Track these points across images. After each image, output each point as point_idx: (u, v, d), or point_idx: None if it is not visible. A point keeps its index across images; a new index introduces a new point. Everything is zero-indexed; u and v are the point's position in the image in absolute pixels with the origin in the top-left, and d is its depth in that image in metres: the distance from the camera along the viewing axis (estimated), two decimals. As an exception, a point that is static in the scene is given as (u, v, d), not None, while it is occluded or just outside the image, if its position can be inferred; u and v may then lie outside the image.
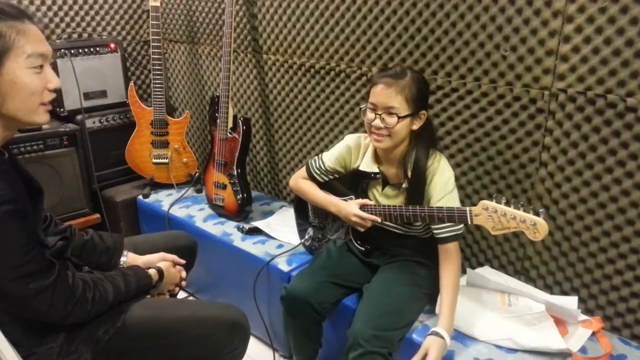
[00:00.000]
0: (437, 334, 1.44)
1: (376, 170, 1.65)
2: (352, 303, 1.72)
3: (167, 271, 1.51)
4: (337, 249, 1.82)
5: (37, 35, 1.14)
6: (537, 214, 1.32)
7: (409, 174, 1.58)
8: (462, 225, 1.55)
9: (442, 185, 1.55)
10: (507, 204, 1.37)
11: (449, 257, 1.55)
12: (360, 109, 1.61)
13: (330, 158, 1.79)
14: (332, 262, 1.77)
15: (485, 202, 1.39)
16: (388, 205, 1.61)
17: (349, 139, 1.76)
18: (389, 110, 1.50)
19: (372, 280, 1.69)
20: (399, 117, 1.50)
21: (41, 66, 1.15)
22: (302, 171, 1.87)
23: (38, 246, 1.17)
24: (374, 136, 1.56)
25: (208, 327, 1.40)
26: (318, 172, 1.81)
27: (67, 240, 1.41)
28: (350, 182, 1.75)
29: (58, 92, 1.22)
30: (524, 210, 1.34)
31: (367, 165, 1.67)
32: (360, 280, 1.72)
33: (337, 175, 1.81)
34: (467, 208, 1.43)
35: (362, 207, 1.64)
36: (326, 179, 1.82)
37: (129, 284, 1.36)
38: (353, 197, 1.72)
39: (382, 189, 1.68)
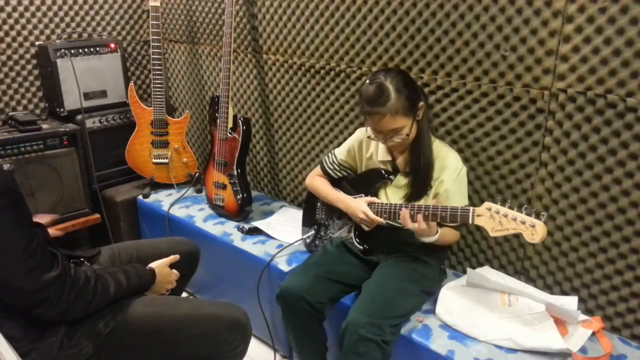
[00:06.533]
0: None
1: (390, 158, 1.72)
2: (352, 302, 1.71)
3: (160, 272, 1.52)
4: (334, 247, 1.83)
5: None
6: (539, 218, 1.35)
7: (422, 158, 1.64)
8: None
9: (454, 177, 1.63)
10: (511, 208, 1.40)
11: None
12: (368, 137, 1.66)
13: (342, 151, 1.86)
14: (328, 259, 1.78)
15: (490, 204, 1.42)
16: (394, 204, 1.63)
17: (360, 133, 1.81)
18: (396, 131, 1.57)
19: (371, 276, 1.70)
20: (407, 134, 1.58)
21: None
22: (317, 169, 1.93)
23: (37, 237, 1.18)
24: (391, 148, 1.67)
25: (209, 325, 1.41)
26: (331, 167, 1.87)
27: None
28: (362, 183, 1.78)
29: (58, 92, 1.24)
30: (527, 214, 1.36)
31: (382, 154, 1.73)
32: (359, 278, 1.72)
33: (349, 171, 1.86)
34: (471, 208, 1.46)
35: (370, 205, 1.67)
36: (339, 174, 1.87)
37: (130, 280, 1.38)
38: (363, 195, 1.75)
39: (393, 180, 1.72)
